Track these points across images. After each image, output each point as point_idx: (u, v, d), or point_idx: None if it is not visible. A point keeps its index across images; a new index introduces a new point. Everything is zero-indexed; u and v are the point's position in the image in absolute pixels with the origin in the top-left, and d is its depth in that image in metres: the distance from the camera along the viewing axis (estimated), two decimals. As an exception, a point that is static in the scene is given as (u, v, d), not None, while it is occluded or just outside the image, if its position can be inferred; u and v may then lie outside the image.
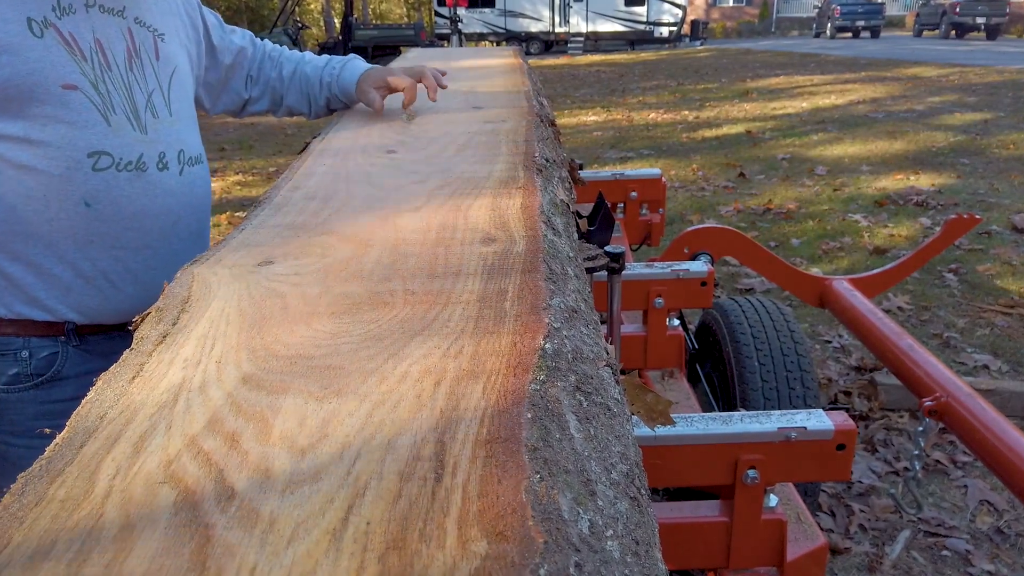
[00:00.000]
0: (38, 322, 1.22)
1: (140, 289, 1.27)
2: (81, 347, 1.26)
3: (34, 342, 1.23)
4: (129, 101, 1.23)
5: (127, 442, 0.53)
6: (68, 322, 1.24)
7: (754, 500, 1.23)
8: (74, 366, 1.26)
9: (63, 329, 1.24)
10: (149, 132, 1.25)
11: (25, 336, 1.22)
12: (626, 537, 0.49)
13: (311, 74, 1.66)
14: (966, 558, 2.29)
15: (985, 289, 4.15)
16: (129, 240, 1.24)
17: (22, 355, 1.22)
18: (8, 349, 1.22)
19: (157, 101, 1.29)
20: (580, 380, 0.62)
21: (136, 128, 1.23)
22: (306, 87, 1.66)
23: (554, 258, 0.82)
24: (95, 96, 1.18)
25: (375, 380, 0.59)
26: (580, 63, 21.65)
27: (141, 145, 1.24)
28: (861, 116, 9.70)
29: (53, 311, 1.22)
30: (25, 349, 1.22)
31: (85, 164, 1.17)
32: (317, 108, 1.70)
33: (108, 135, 1.19)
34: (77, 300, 1.23)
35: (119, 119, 1.21)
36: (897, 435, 2.91)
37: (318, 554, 0.42)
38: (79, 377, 1.26)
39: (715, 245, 2.68)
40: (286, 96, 1.66)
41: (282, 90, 1.65)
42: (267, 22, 27.06)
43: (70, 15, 1.16)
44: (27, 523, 0.46)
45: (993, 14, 24.02)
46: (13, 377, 1.23)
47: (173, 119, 1.31)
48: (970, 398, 1.88)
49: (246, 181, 7.66)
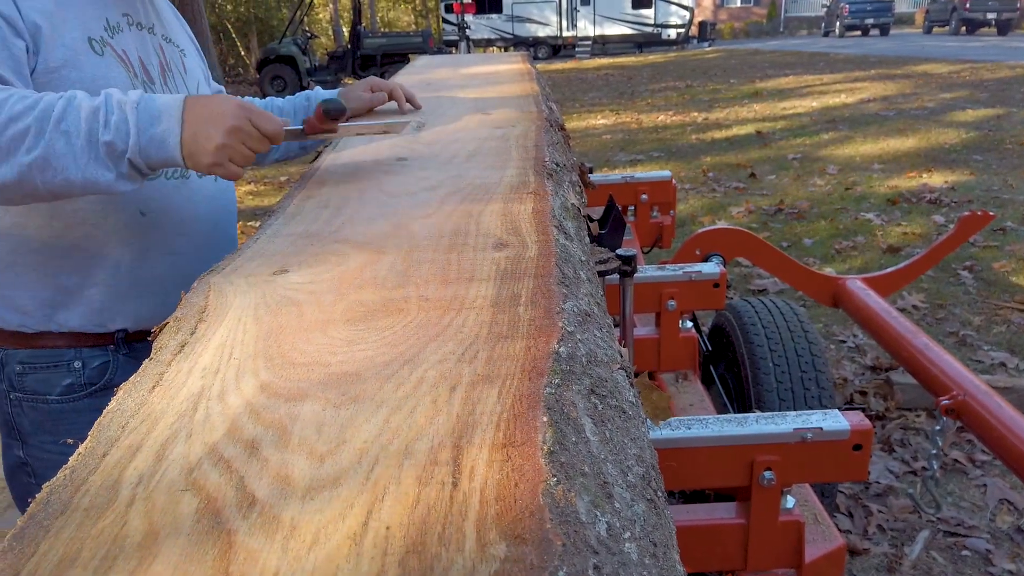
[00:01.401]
0: (89, 333, 1.25)
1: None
2: (130, 355, 1.29)
3: (85, 352, 1.26)
4: None
5: (149, 451, 0.53)
6: (119, 331, 1.27)
7: (771, 501, 1.22)
8: (124, 374, 1.26)
9: (113, 338, 1.27)
10: None
11: (76, 347, 1.25)
12: (644, 539, 0.50)
13: (283, 105, 1.65)
14: (987, 558, 2.27)
15: (1001, 286, 4.12)
16: (180, 245, 1.29)
17: (75, 366, 1.26)
18: (61, 360, 1.25)
19: None
20: (595, 383, 0.62)
21: None
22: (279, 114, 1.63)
23: (566, 262, 0.83)
24: None
25: (391, 386, 0.59)
26: (588, 67, 21.66)
27: None
28: (872, 114, 9.66)
29: (106, 323, 1.25)
30: (78, 360, 1.26)
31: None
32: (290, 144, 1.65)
33: None
34: (133, 308, 1.26)
35: None
36: (914, 434, 2.89)
37: (339, 559, 0.42)
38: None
39: (727, 246, 2.67)
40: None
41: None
42: (276, 32, 27.24)
43: (119, 33, 1.23)
44: (53, 532, 0.46)
45: (1004, 9, 23.84)
46: (67, 387, 1.26)
47: None
48: (987, 396, 1.86)
49: (258, 191, 7.70)
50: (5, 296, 1.24)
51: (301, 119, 1.60)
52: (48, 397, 1.26)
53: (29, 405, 1.27)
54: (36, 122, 1.00)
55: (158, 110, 1.06)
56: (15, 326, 1.24)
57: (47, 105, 1.02)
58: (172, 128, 1.06)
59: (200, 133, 1.06)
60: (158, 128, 1.05)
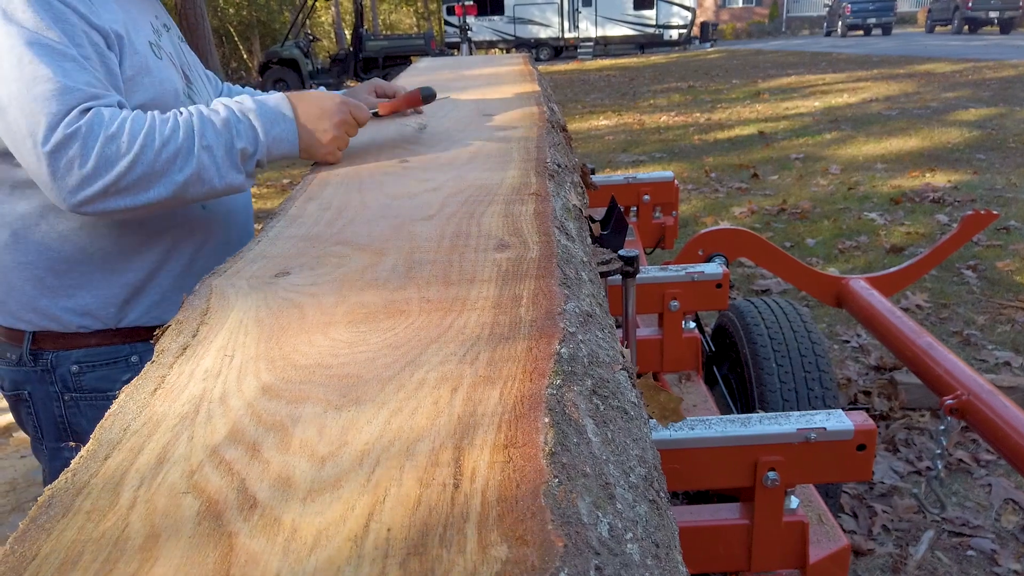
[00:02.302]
0: (143, 327, 1.27)
1: None
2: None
3: (140, 346, 1.28)
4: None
5: (150, 453, 0.53)
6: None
7: (775, 502, 1.22)
8: None
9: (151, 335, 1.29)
10: None
11: (132, 342, 1.27)
12: (646, 540, 0.49)
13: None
14: (992, 558, 2.26)
15: (1005, 285, 4.10)
16: (231, 236, 1.36)
17: (132, 360, 1.27)
18: (119, 356, 1.27)
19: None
20: (596, 384, 0.62)
21: None
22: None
23: (568, 263, 0.83)
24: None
25: (392, 388, 0.59)
26: (590, 68, 21.67)
27: None
28: (875, 114, 9.64)
29: (163, 316, 1.27)
30: (134, 355, 1.27)
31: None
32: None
33: None
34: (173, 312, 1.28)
35: None
36: (918, 434, 2.88)
37: (340, 561, 0.42)
38: None
39: (729, 246, 2.67)
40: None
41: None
42: (278, 35, 27.30)
43: (162, 36, 1.30)
44: (54, 535, 0.46)
45: (1006, 8, 23.81)
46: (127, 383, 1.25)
47: None
48: (992, 395, 1.86)
49: (260, 193, 7.72)
50: (67, 298, 1.23)
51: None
52: (109, 394, 1.25)
53: (87, 404, 1.27)
54: (185, 141, 1.08)
55: (273, 112, 1.18)
56: (75, 328, 1.24)
57: (186, 124, 1.09)
58: (290, 127, 1.19)
59: (315, 128, 1.21)
60: (279, 128, 1.17)
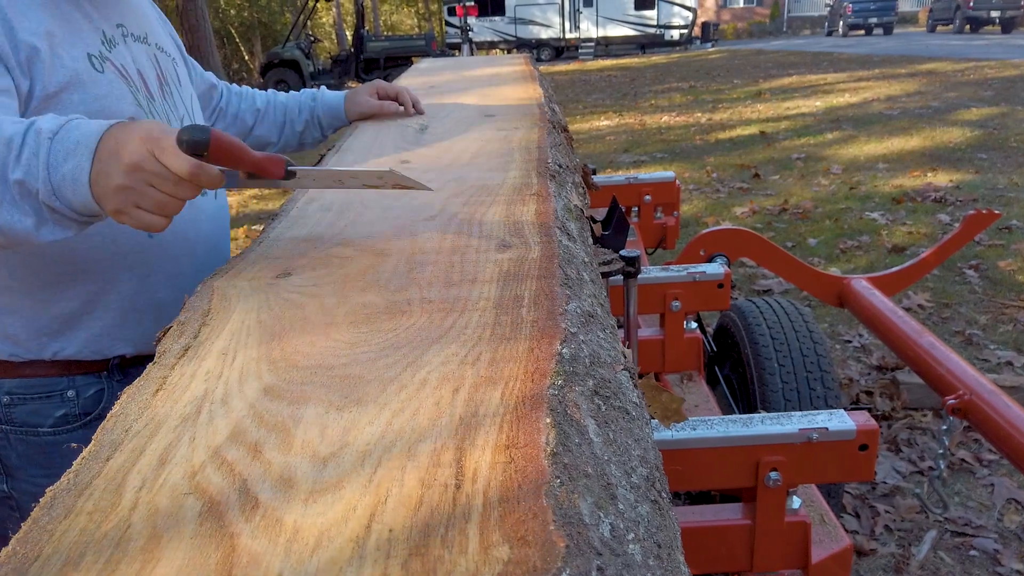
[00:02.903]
0: (83, 361, 1.18)
1: None
2: (124, 381, 1.21)
3: (79, 380, 1.18)
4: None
5: (152, 454, 0.54)
6: (114, 357, 1.20)
7: (777, 502, 1.22)
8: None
9: (107, 365, 1.20)
10: None
11: (70, 375, 1.18)
12: (648, 540, 0.49)
13: (287, 101, 1.65)
14: (995, 557, 2.25)
15: (1007, 285, 4.10)
16: (183, 267, 1.23)
17: (68, 395, 1.18)
18: (54, 390, 1.17)
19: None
20: (598, 384, 0.62)
21: None
22: (281, 114, 1.64)
23: (569, 263, 0.83)
24: None
25: (394, 388, 0.59)
26: (591, 68, 21.66)
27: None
28: (876, 114, 9.63)
29: (104, 350, 1.19)
30: (71, 389, 1.18)
31: None
32: (289, 135, 1.66)
33: None
34: (133, 334, 1.20)
35: None
36: (921, 434, 2.87)
37: (342, 562, 0.42)
38: None
39: (731, 246, 2.67)
40: (256, 127, 1.63)
41: (252, 121, 1.62)
42: (280, 36, 27.32)
43: (116, 47, 1.16)
44: (56, 535, 0.46)
45: (1008, 7, 23.78)
46: (61, 419, 1.18)
47: None
48: (994, 395, 1.86)
49: (262, 195, 7.72)
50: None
51: (304, 118, 1.64)
52: (40, 429, 1.17)
53: (18, 437, 1.18)
54: None
55: (74, 141, 0.86)
56: (5, 355, 1.16)
57: None
58: (83, 164, 0.85)
59: (104, 171, 0.85)
60: (69, 164, 0.85)
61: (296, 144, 1.69)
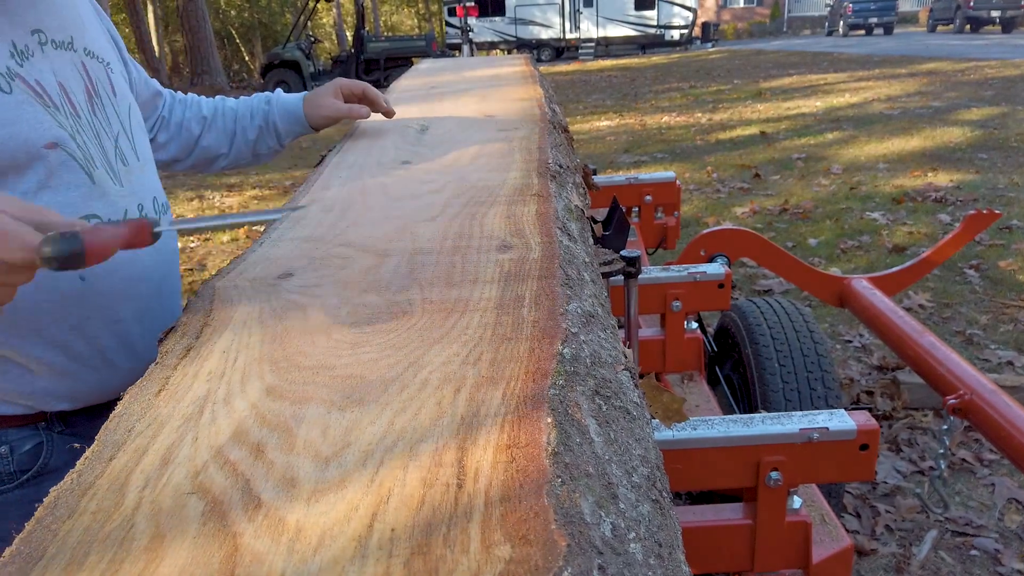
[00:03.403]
0: (15, 415, 1.04)
1: (137, 361, 1.09)
2: (67, 432, 1.09)
3: (12, 434, 1.04)
4: (101, 151, 1.06)
5: (155, 454, 0.54)
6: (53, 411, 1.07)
7: (777, 502, 1.22)
8: (61, 455, 1.08)
9: (45, 415, 1.06)
10: (124, 184, 1.09)
11: (2, 429, 1.04)
12: (649, 539, 0.50)
13: (237, 107, 1.49)
14: (995, 557, 2.26)
15: (1007, 285, 4.10)
16: (126, 310, 1.08)
17: (0, 451, 1.04)
18: None
19: (124, 145, 1.12)
20: (599, 384, 0.62)
21: (115, 181, 1.07)
22: (231, 122, 1.47)
23: (570, 264, 0.83)
24: (76, 151, 1.01)
25: (396, 388, 0.59)
26: (591, 68, 21.67)
27: (123, 200, 1.07)
28: (876, 114, 9.63)
29: (36, 405, 1.05)
30: (4, 444, 1.04)
31: None
32: (241, 145, 1.49)
33: (95, 194, 1.02)
34: (70, 386, 1.06)
35: (101, 174, 1.04)
36: (921, 434, 2.87)
37: (344, 561, 0.42)
38: (68, 466, 1.10)
39: (732, 247, 2.67)
40: (203, 136, 1.45)
41: (198, 130, 1.44)
42: (280, 37, 27.34)
43: (29, 59, 0.98)
44: (61, 535, 0.47)
45: (1008, 7, 23.78)
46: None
47: (141, 163, 1.15)
48: (994, 395, 1.86)
49: (263, 195, 7.73)
50: None
51: (257, 123, 1.47)
52: None
53: None
54: None
55: None
56: None
57: None
58: None
59: None
60: None
61: (250, 155, 1.51)
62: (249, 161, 1.51)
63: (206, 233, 1.13)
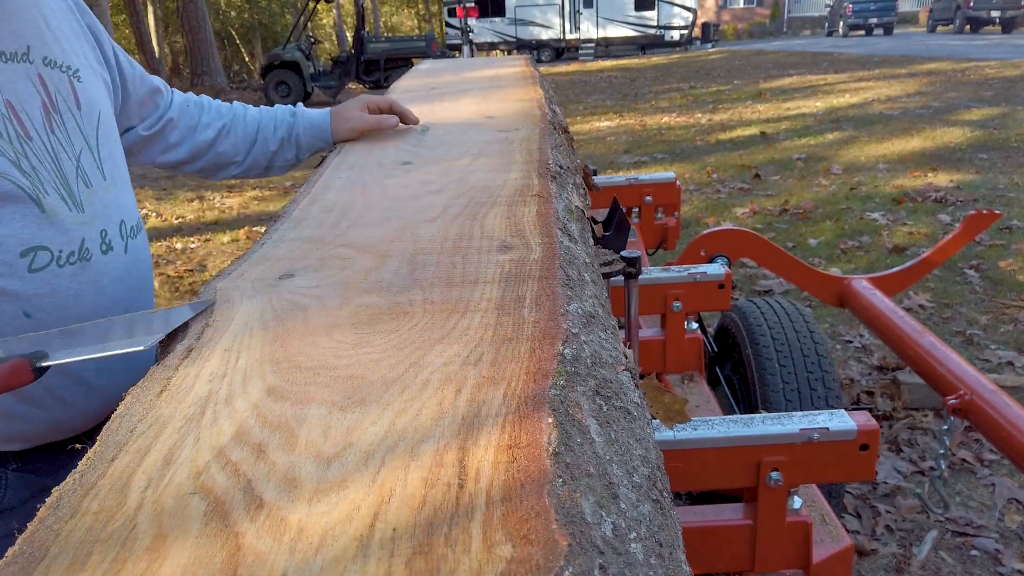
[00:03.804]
0: None
1: (94, 399, 1.04)
2: (23, 469, 1.02)
3: None
4: (58, 174, 0.98)
5: (157, 454, 0.54)
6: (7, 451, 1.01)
7: (778, 502, 1.22)
8: (17, 493, 1.01)
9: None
10: (86, 208, 1.01)
11: None
12: (649, 539, 0.50)
13: (260, 116, 1.46)
14: (996, 557, 2.26)
15: (1008, 285, 4.10)
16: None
17: None
18: None
19: (87, 164, 1.03)
20: (599, 384, 0.62)
21: (72, 207, 0.99)
22: (253, 130, 1.44)
23: (570, 264, 0.83)
24: (20, 178, 0.93)
25: (397, 389, 0.60)
26: (591, 69, 21.67)
27: (81, 228, 0.99)
28: (876, 114, 9.64)
29: None
30: None
31: (19, 267, 0.92)
32: (259, 154, 1.46)
33: (43, 224, 0.95)
34: (19, 428, 0.99)
35: (53, 201, 0.96)
36: (922, 434, 2.88)
37: (346, 560, 0.43)
38: (25, 505, 1.01)
39: (732, 247, 2.67)
40: (220, 142, 1.41)
41: (214, 135, 1.40)
42: (280, 38, 27.35)
43: None
44: (63, 535, 0.47)
45: (1008, 7, 23.80)
46: None
47: (108, 183, 1.06)
48: (994, 395, 1.86)
49: (263, 196, 7.73)
50: None
51: (280, 135, 1.46)
52: None
53: None
54: None
55: None
56: None
57: None
58: None
59: None
60: None
61: (264, 165, 1.48)
62: (260, 172, 1.49)
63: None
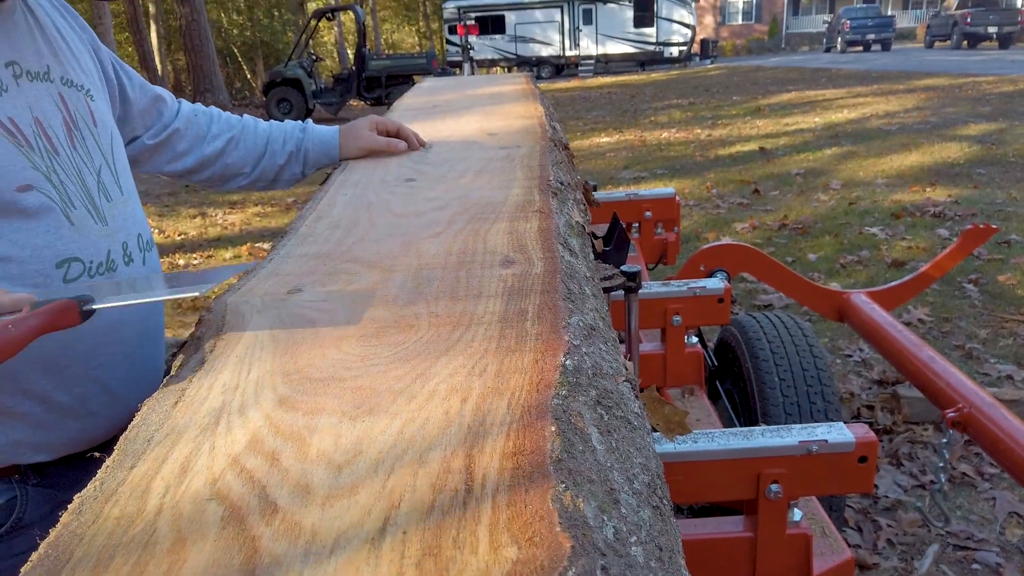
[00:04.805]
0: None
1: (119, 409, 1.06)
2: (43, 484, 1.03)
3: None
4: (83, 188, 1.02)
5: (174, 462, 0.56)
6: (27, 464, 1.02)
7: (778, 515, 1.23)
8: (37, 508, 1.02)
9: (19, 468, 1.01)
10: (109, 222, 1.05)
11: None
12: (649, 543, 0.52)
13: (270, 129, 1.47)
14: (997, 571, 2.26)
15: (1006, 299, 4.12)
16: (108, 356, 1.04)
17: None
18: None
19: (107, 179, 1.08)
20: (600, 395, 0.64)
21: (97, 220, 1.03)
22: (262, 143, 1.45)
23: (572, 278, 0.85)
24: (52, 191, 0.97)
25: (404, 399, 0.61)
26: (591, 85, 21.81)
27: (106, 240, 1.04)
28: (875, 129, 9.69)
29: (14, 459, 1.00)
30: None
31: (55, 277, 0.97)
32: (266, 167, 1.47)
33: (74, 237, 0.99)
34: (47, 437, 1.01)
35: (80, 214, 1.00)
36: (922, 448, 2.88)
37: (359, 562, 0.44)
38: (45, 519, 1.02)
39: (731, 262, 2.69)
40: (228, 153, 1.42)
41: (222, 146, 1.42)
42: (282, 56, 27.54)
43: (3, 95, 0.95)
44: (86, 539, 0.49)
45: (1005, 23, 23.98)
46: None
47: (125, 198, 1.11)
48: (994, 408, 1.87)
49: (265, 212, 7.76)
50: None
51: (289, 149, 1.47)
52: None
53: None
54: None
55: None
56: None
57: None
58: None
59: None
60: None
61: (271, 179, 1.49)
62: (266, 185, 1.51)
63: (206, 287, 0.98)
